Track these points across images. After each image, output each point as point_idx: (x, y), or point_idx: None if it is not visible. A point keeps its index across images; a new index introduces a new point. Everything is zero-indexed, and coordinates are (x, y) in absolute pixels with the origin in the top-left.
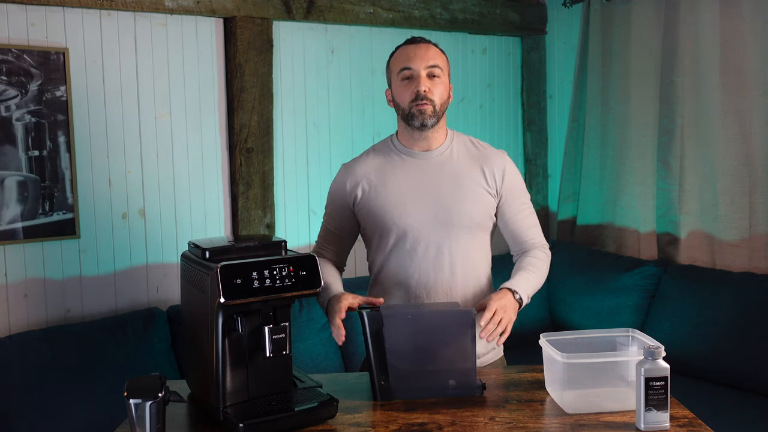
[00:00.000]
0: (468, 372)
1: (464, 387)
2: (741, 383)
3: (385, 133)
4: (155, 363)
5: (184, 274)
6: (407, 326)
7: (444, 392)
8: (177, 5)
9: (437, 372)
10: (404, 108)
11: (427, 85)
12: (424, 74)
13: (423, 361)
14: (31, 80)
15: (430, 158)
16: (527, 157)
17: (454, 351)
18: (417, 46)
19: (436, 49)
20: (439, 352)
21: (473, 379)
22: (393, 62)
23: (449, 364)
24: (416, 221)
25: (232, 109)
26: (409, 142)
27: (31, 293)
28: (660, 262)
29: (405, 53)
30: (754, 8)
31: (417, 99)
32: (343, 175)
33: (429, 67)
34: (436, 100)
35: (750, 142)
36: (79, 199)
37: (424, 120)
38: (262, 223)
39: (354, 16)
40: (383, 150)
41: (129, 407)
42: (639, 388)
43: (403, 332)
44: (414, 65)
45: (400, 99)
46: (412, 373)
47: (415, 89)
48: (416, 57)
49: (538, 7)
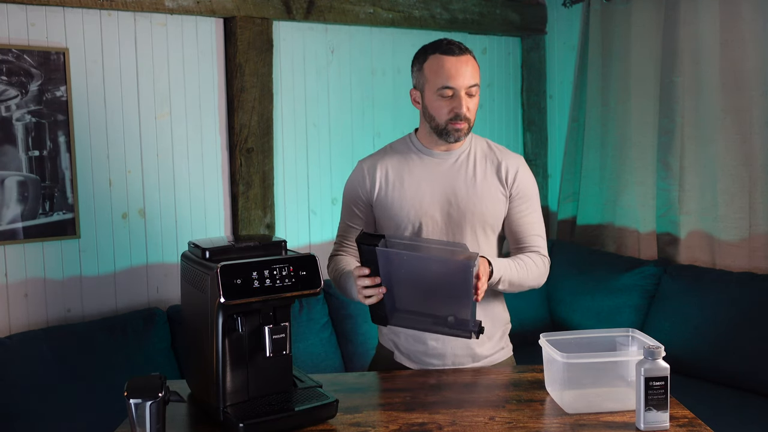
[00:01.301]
0: (464, 313)
1: (460, 328)
2: (741, 383)
3: (385, 133)
4: (155, 363)
5: (184, 274)
6: (403, 266)
7: (438, 329)
8: (177, 5)
9: (431, 309)
10: (439, 123)
11: (466, 105)
12: (464, 94)
13: (417, 300)
14: (31, 80)
15: (448, 158)
16: (527, 157)
17: (449, 298)
18: (458, 60)
19: (474, 62)
20: (434, 296)
21: (468, 320)
22: (430, 73)
23: (444, 309)
24: (431, 219)
25: (232, 109)
26: (430, 143)
27: (32, 293)
28: (660, 262)
29: (447, 69)
30: (754, 8)
31: (456, 119)
32: (361, 171)
33: (470, 87)
34: (471, 117)
35: (750, 142)
36: (79, 199)
37: (459, 137)
38: (262, 223)
39: (354, 16)
40: (401, 149)
41: (129, 407)
42: (639, 388)
43: (398, 270)
44: (456, 85)
45: (436, 113)
46: (406, 305)
47: (455, 110)
48: (459, 75)
49: (538, 7)
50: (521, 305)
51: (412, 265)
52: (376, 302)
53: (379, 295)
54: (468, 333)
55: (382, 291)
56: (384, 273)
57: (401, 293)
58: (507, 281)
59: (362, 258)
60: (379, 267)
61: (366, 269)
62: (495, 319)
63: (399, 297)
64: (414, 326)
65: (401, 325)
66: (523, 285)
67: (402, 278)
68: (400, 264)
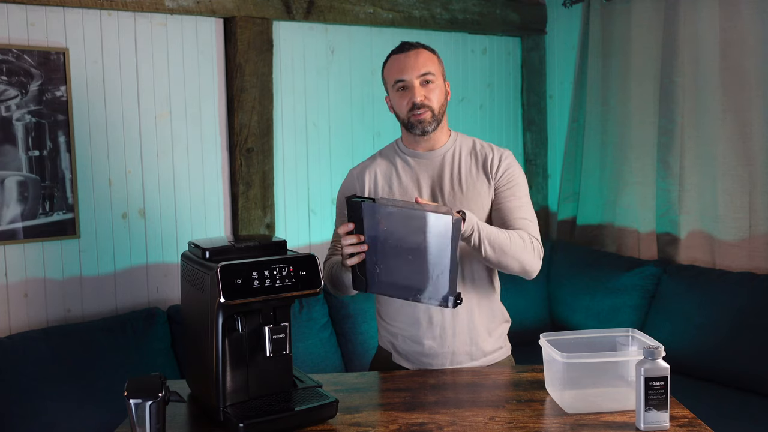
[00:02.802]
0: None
1: (437, 296)
2: (741, 383)
3: (385, 133)
4: (155, 363)
5: (184, 274)
6: (386, 221)
7: (416, 296)
8: (177, 5)
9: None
10: (403, 118)
11: (422, 93)
12: (417, 83)
13: (397, 265)
14: (31, 80)
15: (433, 158)
16: (527, 157)
17: (430, 261)
18: (406, 55)
19: (426, 53)
20: (415, 260)
21: (446, 289)
22: (386, 73)
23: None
24: None
25: (232, 109)
26: (413, 144)
27: (31, 293)
28: (660, 262)
29: (396, 64)
30: (754, 8)
31: (414, 109)
32: (352, 179)
33: (421, 76)
34: (434, 105)
35: (750, 142)
36: (79, 199)
37: (425, 128)
38: (262, 223)
39: (354, 16)
40: (389, 154)
41: (129, 407)
42: (639, 388)
43: (382, 227)
44: (406, 76)
45: (398, 109)
46: (386, 269)
47: (410, 100)
48: (407, 67)
49: (538, 7)
50: (521, 305)
51: (394, 222)
52: (357, 262)
53: (361, 255)
54: (445, 302)
55: (364, 248)
56: (369, 233)
57: (383, 257)
58: (486, 238)
59: (349, 214)
60: (364, 226)
61: (351, 225)
62: (493, 313)
63: (381, 261)
64: (393, 294)
65: (381, 293)
66: (505, 251)
67: (385, 238)
68: (384, 221)
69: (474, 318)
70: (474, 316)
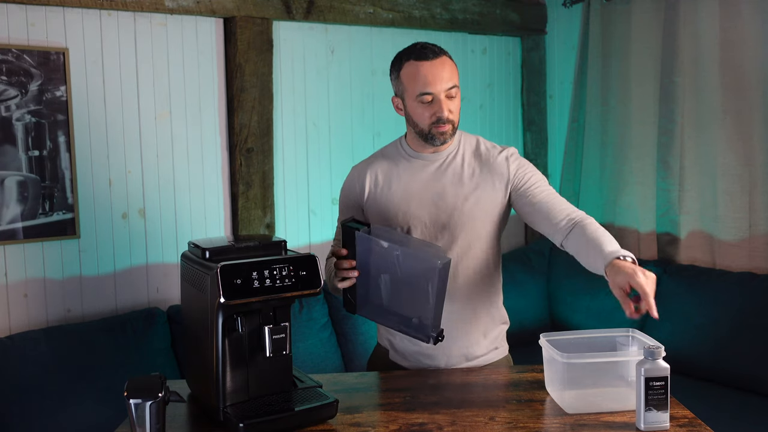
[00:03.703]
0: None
1: (421, 331)
2: (741, 383)
3: (385, 133)
4: (155, 363)
5: (184, 274)
6: (378, 254)
7: (400, 327)
8: (177, 5)
9: (397, 305)
10: (423, 129)
11: (447, 108)
12: (443, 97)
13: (387, 294)
14: (31, 80)
15: (436, 160)
16: (527, 157)
17: (416, 297)
18: (432, 64)
19: (450, 63)
20: (403, 293)
21: (429, 327)
22: (407, 80)
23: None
24: (419, 221)
25: (232, 109)
26: (417, 146)
27: (31, 293)
28: (660, 262)
29: (423, 75)
30: (754, 8)
31: (438, 122)
32: (353, 176)
33: (448, 89)
34: (455, 118)
35: (750, 142)
36: (79, 199)
37: (445, 139)
38: (262, 223)
39: (354, 16)
40: (391, 153)
41: (129, 407)
42: (639, 388)
43: (374, 259)
44: (434, 90)
45: (418, 119)
46: (375, 296)
47: (436, 114)
48: (435, 80)
49: (538, 7)
50: (521, 305)
51: (386, 255)
52: (348, 286)
53: (352, 279)
54: (427, 338)
55: (355, 275)
56: (360, 259)
57: (374, 284)
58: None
59: (343, 239)
60: (357, 252)
61: (344, 250)
62: (491, 317)
63: (371, 287)
64: (380, 320)
65: (369, 317)
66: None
67: (376, 268)
68: (375, 252)
69: (470, 324)
70: (470, 323)
